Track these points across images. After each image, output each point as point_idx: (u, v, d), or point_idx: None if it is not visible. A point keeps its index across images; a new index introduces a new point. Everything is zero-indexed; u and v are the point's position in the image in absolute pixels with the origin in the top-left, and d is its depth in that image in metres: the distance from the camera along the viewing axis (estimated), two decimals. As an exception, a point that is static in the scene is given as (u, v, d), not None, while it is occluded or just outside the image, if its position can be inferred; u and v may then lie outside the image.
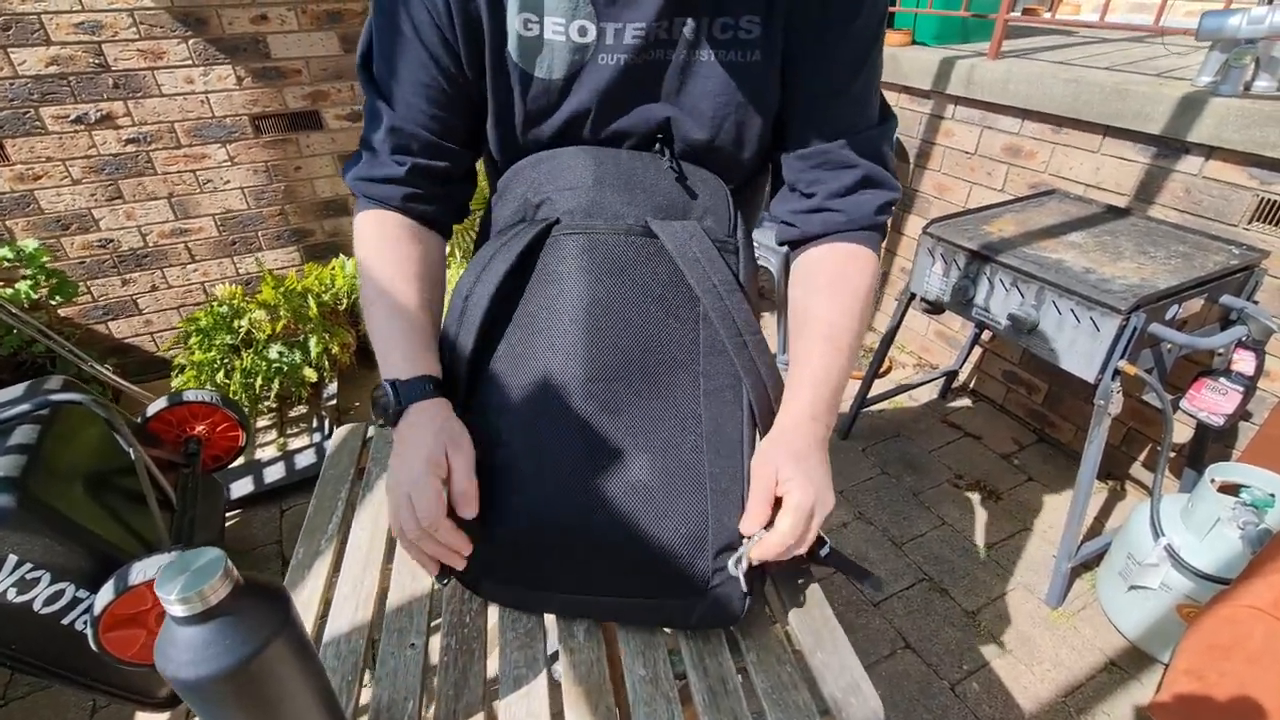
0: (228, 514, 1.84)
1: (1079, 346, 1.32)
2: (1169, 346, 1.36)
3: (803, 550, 0.61)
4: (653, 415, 0.67)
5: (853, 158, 0.71)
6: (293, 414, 2.23)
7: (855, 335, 0.69)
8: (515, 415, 0.66)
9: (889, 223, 0.77)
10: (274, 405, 2.27)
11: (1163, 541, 1.29)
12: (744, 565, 0.60)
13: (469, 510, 0.60)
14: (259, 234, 2.44)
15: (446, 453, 0.60)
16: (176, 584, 0.43)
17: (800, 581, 0.75)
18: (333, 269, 2.32)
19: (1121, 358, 1.26)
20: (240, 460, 2.02)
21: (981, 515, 1.83)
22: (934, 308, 1.66)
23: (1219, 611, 0.95)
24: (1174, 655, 0.94)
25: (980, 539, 1.76)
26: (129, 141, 2.12)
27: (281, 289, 2.12)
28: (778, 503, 0.61)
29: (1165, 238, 1.49)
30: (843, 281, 0.71)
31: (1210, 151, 1.50)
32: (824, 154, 0.71)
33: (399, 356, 0.65)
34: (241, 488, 1.88)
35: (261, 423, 2.22)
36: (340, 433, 1.00)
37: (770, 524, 0.61)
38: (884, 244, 0.76)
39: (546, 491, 0.65)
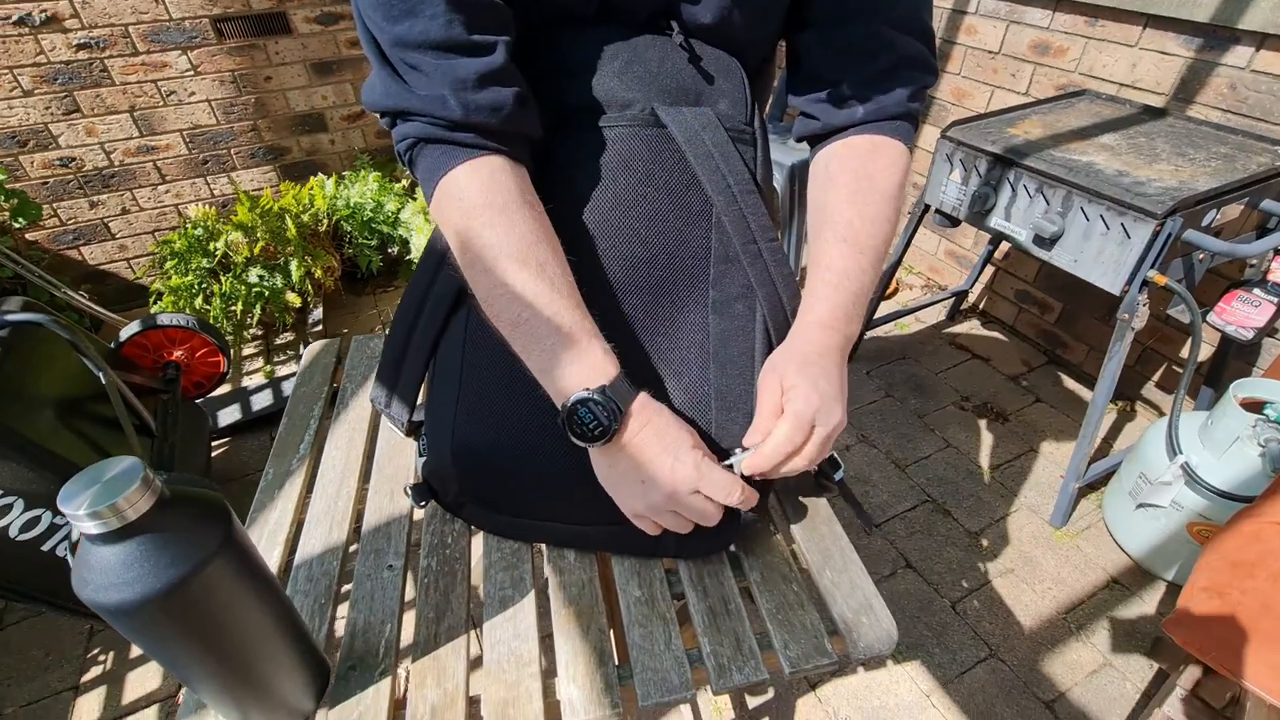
0: (216, 442, 1.80)
1: (1106, 256, 1.23)
2: (1201, 256, 1.27)
3: (808, 466, 0.55)
4: (658, 329, 0.61)
5: (887, 33, 0.60)
6: (279, 341, 2.16)
7: (881, 239, 0.61)
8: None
9: (921, 111, 0.67)
10: (259, 332, 2.20)
11: (1179, 459, 1.24)
12: (735, 473, 0.54)
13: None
14: (231, 151, 2.29)
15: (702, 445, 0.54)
16: (85, 497, 0.36)
17: (807, 498, 0.69)
18: (310, 189, 2.19)
19: (1152, 267, 1.18)
20: (227, 388, 1.97)
21: (987, 437, 1.79)
22: (949, 220, 1.55)
23: (1243, 528, 0.91)
24: (1192, 573, 0.91)
25: (985, 461, 1.73)
26: (80, 47, 1.95)
27: (258, 210, 2.01)
28: None
29: (1205, 139, 1.37)
30: (867, 179, 0.62)
31: (1262, 41, 1.36)
32: (853, 32, 0.61)
33: (584, 367, 0.52)
34: (229, 416, 1.83)
35: (248, 350, 2.16)
36: (313, 348, 0.93)
37: None
38: (918, 134, 0.67)
39: (521, 413, 0.60)
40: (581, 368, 0.52)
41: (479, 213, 0.53)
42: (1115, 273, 1.23)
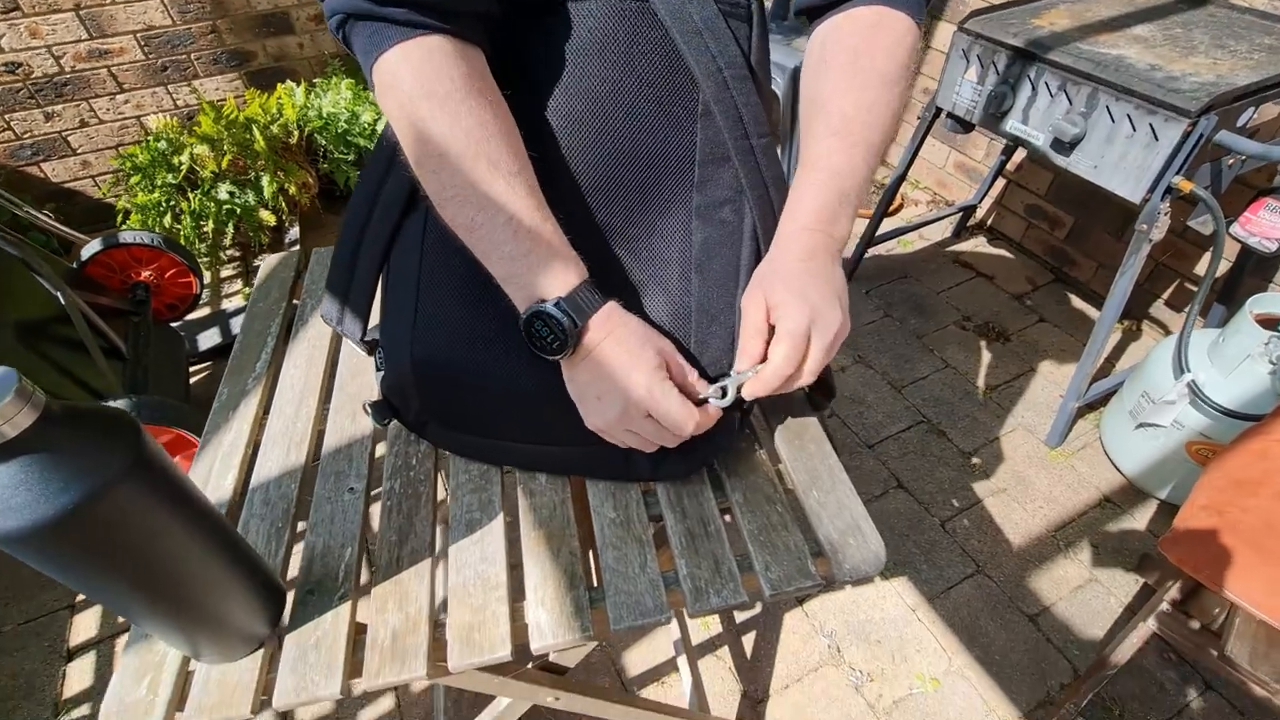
0: (196, 367, 1.75)
1: (1129, 160, 1.14)
2: (1231, 161, 1.18)
3: (811, 380, 0.51)
4: (637, 237, 0.56)
5: None
6: (257, 262, 2.08)
7: (879, 130, 0.53)
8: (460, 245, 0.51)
9: None
10: (236, 253, 2.12)
11: (1186, 378, 1.20)
12: (729, 398, 0.50)
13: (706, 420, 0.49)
14: (192, 57, 2.13)
15: (668, 356, 0.49)
16: (-53, 412, 0.31)
17: (795, 415, 0.65)
18: (279, 97, 2.04)
19: (1178, 173, 1.09)
20: (205, 311, 1.92)
21: (987, 357, 1.75)
22: (961, 125, 1.44)
23: (1250, 446, 0.88)
24: (1192, 491, 0.88)
25: (983, 381, 1.69)
26: (10, -67, 1.77)
27: (222, 120, 1.88)
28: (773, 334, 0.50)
29: (1249, 29, 1.25)
30: (867, 58, 0.54)
31: (1325, -87, 1.21)
32: None
33: (543, 276, 0.47)
34: (209, 339, 1.78)
35: (226, 272, 2.08)
36: (268, 262, 0.86)
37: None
38: (928, 7, 0.58)
39: (484, 324, 0.55)
40: (541, 276, 0.47)
41: (418, 104, 0.46)
42: (1138, 179, 1.14)
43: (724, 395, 0.50)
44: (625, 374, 0.47)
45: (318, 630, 0.51)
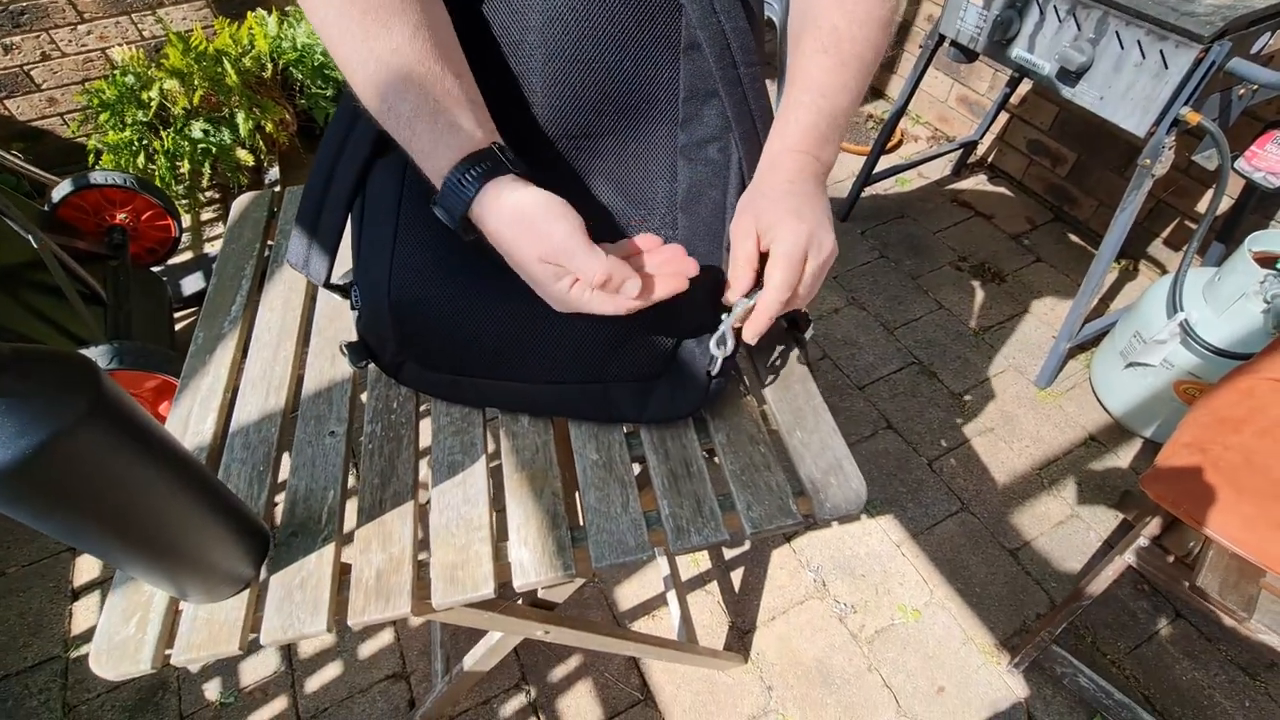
0: (182, 312, 1.73)
1: (1136, 91, 1.09)
2: (1241, 92, 1.13)
3: (804, 304, 0.49)
4: (618, 180, 0.54)
5: None
6: (238, 205, 2.02)
7: (870, 45, 0.50)
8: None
9: None
10: (216, 196, 2.06)
11: (1179, 317, 1.19)
12: (729, 344, 0.49)
13: (630, 286, 0.43)
14: (154, -18, 2.00)
15: (549, 257, 0.43)
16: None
17: (781, 356, 0.64)
18: (249, 27, 1.94)
19: (1186, 103, 1.05)
20: (188, 255, 1.88)
21: (980, 298, 1.74)
22: (965, 54, 1.38)
23: (1236, 384, 0.88)
24: (1177, 429, 0.89)
25: (976, 322, 1.68)
26: None
27: (191, 53, 1.78)
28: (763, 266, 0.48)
29: (1272, -54, 1.18)
30: None
31: None
32: None
33: (431, 163, 0.45)
34: (192, 284, 1.74)
35: (206, 215, 2.03)
36: (240, 201, 0.83)
37: (758, 287, 0.49)
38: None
39: (464, 257, 0.53)
40: (429, 164, 0.45)
41: None
42: (1144, 111, 1.10)
43: (724, 344, 0.49)
44: (519, 256, 0.44)
45: (302, 570, 0.51)
